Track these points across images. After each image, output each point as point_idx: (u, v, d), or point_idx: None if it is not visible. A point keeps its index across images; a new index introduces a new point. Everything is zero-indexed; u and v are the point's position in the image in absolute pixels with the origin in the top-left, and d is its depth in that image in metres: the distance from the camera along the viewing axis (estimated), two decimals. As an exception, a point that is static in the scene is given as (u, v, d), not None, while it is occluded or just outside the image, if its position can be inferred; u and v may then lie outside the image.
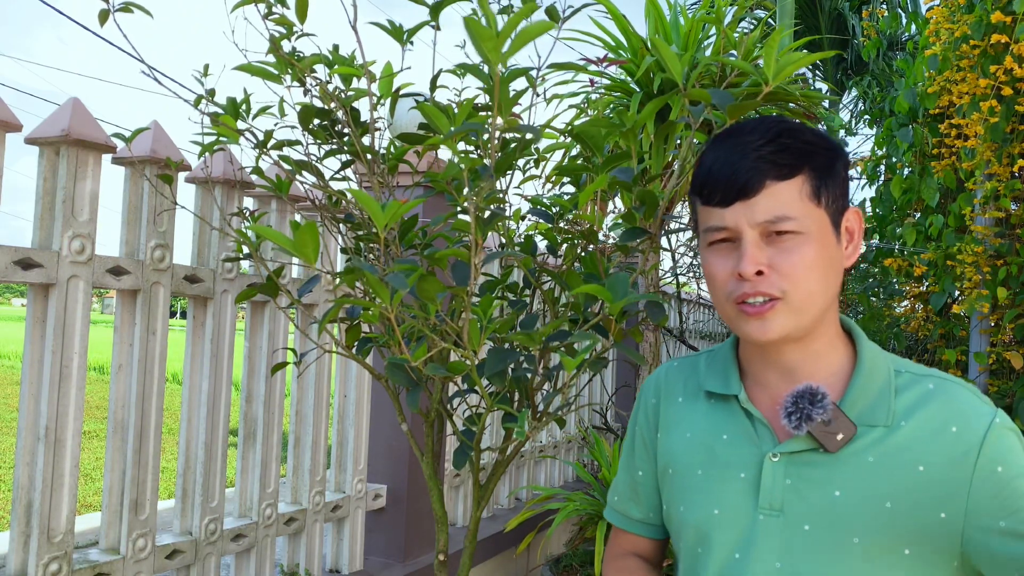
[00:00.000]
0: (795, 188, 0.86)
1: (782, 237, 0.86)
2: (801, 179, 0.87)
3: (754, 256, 0.86)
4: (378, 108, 1.50)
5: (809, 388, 0.88)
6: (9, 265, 1.61)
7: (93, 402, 10.20)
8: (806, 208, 0.86)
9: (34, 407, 1.68)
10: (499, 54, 0.72)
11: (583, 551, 3.32)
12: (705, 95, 1.05)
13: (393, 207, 0.81)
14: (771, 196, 0.86)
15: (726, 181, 0.88)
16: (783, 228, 0.86)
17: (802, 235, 0.86)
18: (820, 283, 0.87)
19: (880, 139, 3.78)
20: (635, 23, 13.60)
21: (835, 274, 0.90)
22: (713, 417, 0.99)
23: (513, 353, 1.08)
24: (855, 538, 0.87)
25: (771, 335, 0.88)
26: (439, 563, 1.51)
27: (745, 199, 0.87)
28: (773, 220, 0.86)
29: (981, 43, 2.88)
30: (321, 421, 2.43)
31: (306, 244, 0.82)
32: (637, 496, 1.12)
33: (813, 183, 0.87)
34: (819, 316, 0.90)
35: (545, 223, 1.54)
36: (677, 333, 5.83)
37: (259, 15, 1.45)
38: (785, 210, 0.86)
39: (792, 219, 0.86)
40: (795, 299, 0.87)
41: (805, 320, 0.88)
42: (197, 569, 2.02)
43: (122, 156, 1.86)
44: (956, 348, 3.20)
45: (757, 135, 0.88)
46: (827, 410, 0.87)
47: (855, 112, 9.55)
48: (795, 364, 0.93)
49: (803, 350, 0.92)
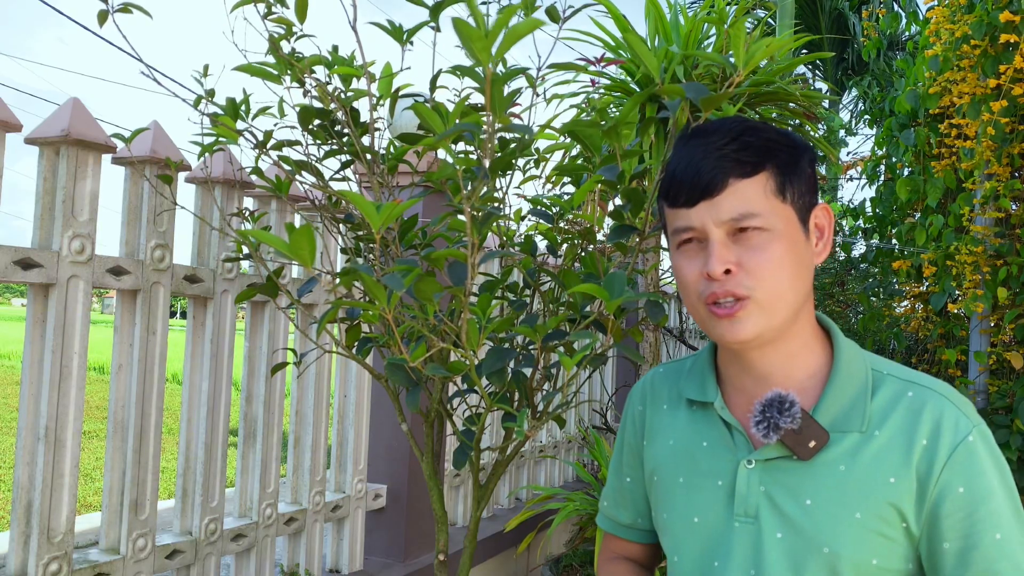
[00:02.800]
0: (759, 185, 0.86)
1: (748, 234, 0.86)
2: (765, 176, 0.86)
3: (721, 255, 0.85)
4: (378, 108, 1.51)
5: (778, 396, 0.88)
6: (9, 265, 1.61)
7: (93, 402, 10.21)
8: (771, 204, 0.86)
9: (34, 407, 1.69)
10: (489, 54, 0.72)
11: (583, 551, 3.32)
12: (679, 90, 1.03)
13: (388, 208, 0.81)
14: (735, 194, 0.86)
15: (690, 182, 0.87)
16: (749, 224, 0.85)
17: (769, 232, 0.85)
18: (789, 280, 0.86)
19: (880, 139, 3.78)
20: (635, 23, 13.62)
21: (805, 271, 0.89)
22: (695, 424, 0.99)
23: (511, 352, 1.08)
24: (825, 548, 0.86)
25: (742, 335, 0.87)
26: (439, 563, 1.51)
27: (710, 198, 0.86)
28: (738, 217, 0.85)
29: (982, 43, 2.88)
30: (321, 421, 2.43)
31: (302, 247, 0.82)
32: (625, 501, 1.13)
33: (777, 179, 0.87)
34: (791, 315, 0.88)
35: (545, 223, 1.54)
36: (677, 333, 5.83)
37: (259, 15, 1.45)
38: (750, 207, 0.85)
39: (757, 215, 0.85)
40: (764, 297, 0.85)
41: (776, 320, 0.87)
42: (197, 569, 2.02)
43: (122, 156, 1.86)
44: (956, 348, 3.20)
45: (719, 135, 0.88)
46: (795, 418, 0.86)
47: (855, 112, 9.55)
48: (770, 368, 0.92)
49: (777, 353, 0.91)
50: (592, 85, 3.20)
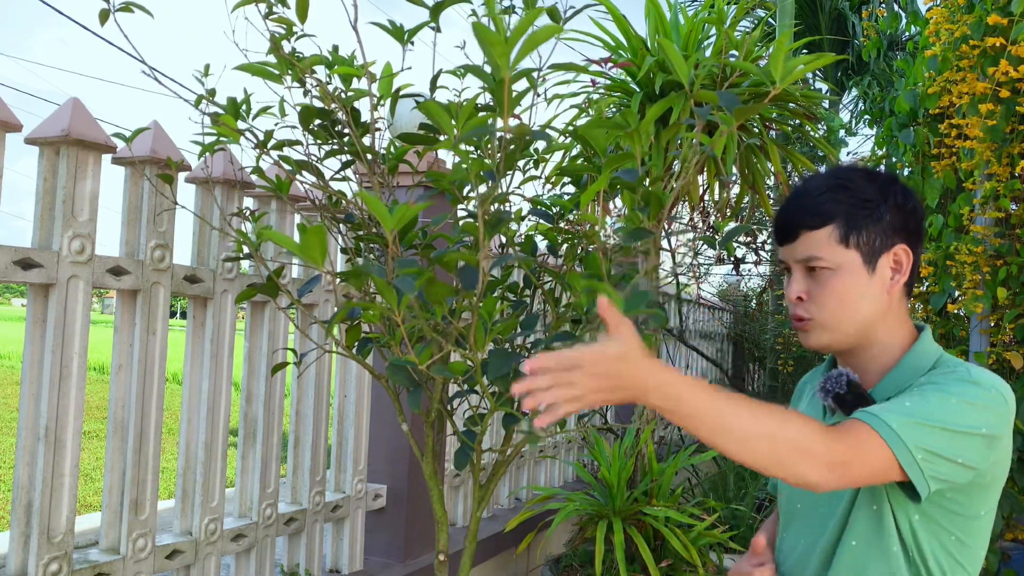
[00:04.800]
0: (824, 235, 1.11)
1: (817, 272, 1.11)
2: (830, 228, 1.10)
3: (795, 286, 1.14)
4: (378, 108, 1.50)
5: (835, 372, 1.12)
6: (9, 265, 1.61)
7: (93, 402, 10.20)
8: (834, 250, 1.10)
9: (34, 407, 1.68)
10: (507, 60, 0.72)
11: (583, 551, 3.32)
12: (712, 96, 1.06)
13: (401, 211, 0.81)
14: (805, 241, 1.12)
15: (779, 229, 1.16)
16: (815, 264, 1.11)
17: (831, 270, 1.10)
18: (848, 308, 1.10)
19: (880, 139, 3.78)
20: (635, 23, 13.56)
21: (869, 300, 1.11)
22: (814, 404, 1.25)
23: (516, 355, 1.08)
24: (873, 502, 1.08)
25: (810, 344, 1.14)
26: (439, 563, 1.51)
27: (790, 243, 1.14)
28: (807, 259, 1.12)
29: (981, 43, 2.88)
30: (321, 421, 2.42)
31: (313, 247, 0.81)
32: None
33: (841, 231, 1.10)
34: (858, 332, 1.12)
35: (545, 223, 1.54)
36: (677, 333, 5.83)
37: (259, 15, 1.45)
38: (815, 252, 1.11)
39: (821, 259, 1.11)
40: (823, 320, 1.11)
41: (840, 336, 1.12)
42: (197, 569, 2.02)
43: (122, 156, 1.86)
44: (956, 348, 3.20)
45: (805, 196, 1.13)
46: (842, 384, 1.10)
47: (855, 112, 9.55)
48: (854, 365, 1.16)
49: (855, 356, 1.15)
50: (592, 85, 3.20)
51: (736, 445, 0.93)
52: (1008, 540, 2.91)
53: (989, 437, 1.01)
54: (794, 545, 1.20)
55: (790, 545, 1.22)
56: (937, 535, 1.06)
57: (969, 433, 0.99)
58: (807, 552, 1.16)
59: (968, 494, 1.04)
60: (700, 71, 2.54)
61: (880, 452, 0.96)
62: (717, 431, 0.92)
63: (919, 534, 1.06)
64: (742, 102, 1.05)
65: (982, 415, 1.01)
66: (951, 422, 0.99)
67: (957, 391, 1.02)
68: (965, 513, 1.06)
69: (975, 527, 1.07)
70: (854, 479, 0.97)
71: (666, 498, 3.11)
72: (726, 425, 0.92)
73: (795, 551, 1.20)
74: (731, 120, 1.06)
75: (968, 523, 1.06)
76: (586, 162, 1.31)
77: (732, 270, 6.66)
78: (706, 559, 2.89)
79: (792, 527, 1.23)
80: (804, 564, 1.16)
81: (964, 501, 1.04)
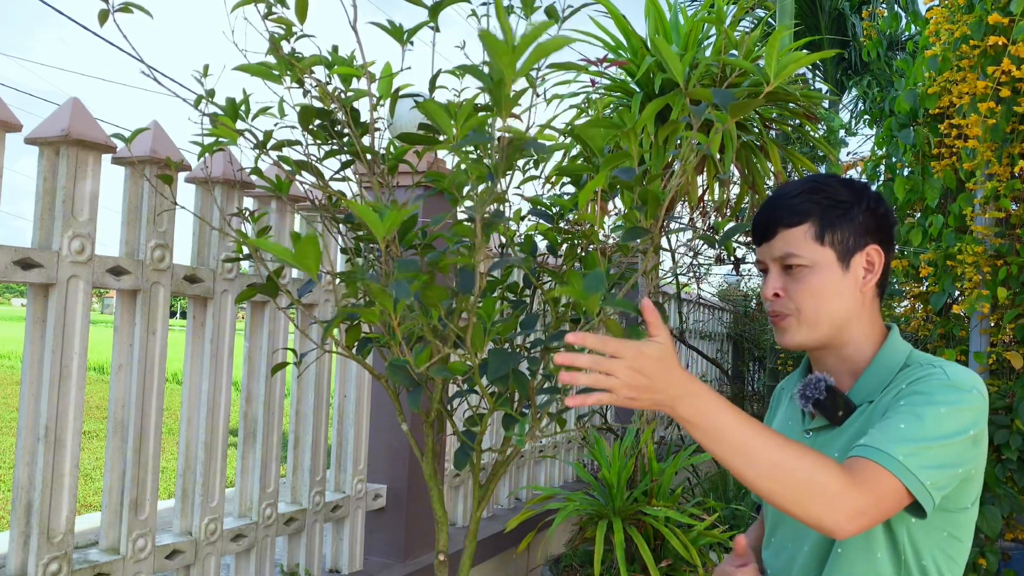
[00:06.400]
0: (801, 233, 1.14)
1: (793, 269, 1.15)
2: (807, 226, 1.14)
3: (772, 283, 1.17)
4: (378, 108, 1.50)
5: (813, 377, 1.16)
6: (9, 265, 1.61)
7: (93, 402, 10.20)
8: (810, 248, 1.14)
9: (34, 407, 1.68)
10: (514, 69, 0.73)
11: (583, 551, 3.32)
12: (707, 95, 1.06)
13: (391, 216, 0.81)
14: (782, 239, 1.15)
15: (756, 228, 1.20)
16: (791, 262, 1.14)
17: (808, 268, 1.14)
18: (824, 304, 1.13)
19: (880, 139, 3.78)
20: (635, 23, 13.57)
21: (843, 298, 1.14)
22: (791, 407, 1.28)
23: (516, 356, 1.08)
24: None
25: (785, 342, 1.16)
26: (439, 563, 1.51)
27: (767, 241, 1.17)
28: (783, 256, 1.15)
29: (981, 43, 2.88)
30: (321, 421, 2.42)
31: (307, 255, 0.81)
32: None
33: (817, 229, 1.14)
34: (833, 329, 1.15)
35: (545, 223, 1.54)
36: (677, 333, 5.83)
37: (259, 15, 1.45)
38: (792, 249, 1.14)
39: (798, 256, 1.14)
40: (801, 316, 1.14)
41: (815, 333, 1.15)
42: (197, 569, 2.02)
43: (122, 156, 1.86)
44: (956, 348, 3.20)
45: (782, 196, 1.17)
46: (820, 390, 1.14)
47: (855, 112, 9.55)
48: (829, 365, 1.19)
49: (830, 355, 1.18)
50: (592, 85, 3.19)
51: (754, 471, 0.92)
52: (1008, 540, 2.91)
53: (975, 436, 1.03)
54: (779, 551, 1.22)
55: (775, 551, 1.24)
56: (932, 535, 1.08)
57: (961, 440, 1.02)
58: (793, 558, 1.18)
59: (957, 490, 1.06)
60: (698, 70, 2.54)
61: (892, 487, 0.97)
62: (739, 453, 0.92)
63: (916, 538, 1.07)
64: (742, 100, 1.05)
65: (968, 417, 1.03)
66: (946, 435, 1.01)
67: (943, 399, 1.03)
68: (955, 508, 1.08)
69: (963, 520, 1.10)
70: (870, 524, 0.97)
71: (666, 498, 3.11)
72: (749, 449, 0.92)
73: (780, 557, 1.21)
74: (726, 118, 1.06)
75: (957, 517, 1.09)
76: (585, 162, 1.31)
77: (732, 270, 6.66)
78: (706, 559, 2.89)
79: (779, 532, 1.24)
80: (790, 570, 1.18)
81: (953, 497, 1.06)
